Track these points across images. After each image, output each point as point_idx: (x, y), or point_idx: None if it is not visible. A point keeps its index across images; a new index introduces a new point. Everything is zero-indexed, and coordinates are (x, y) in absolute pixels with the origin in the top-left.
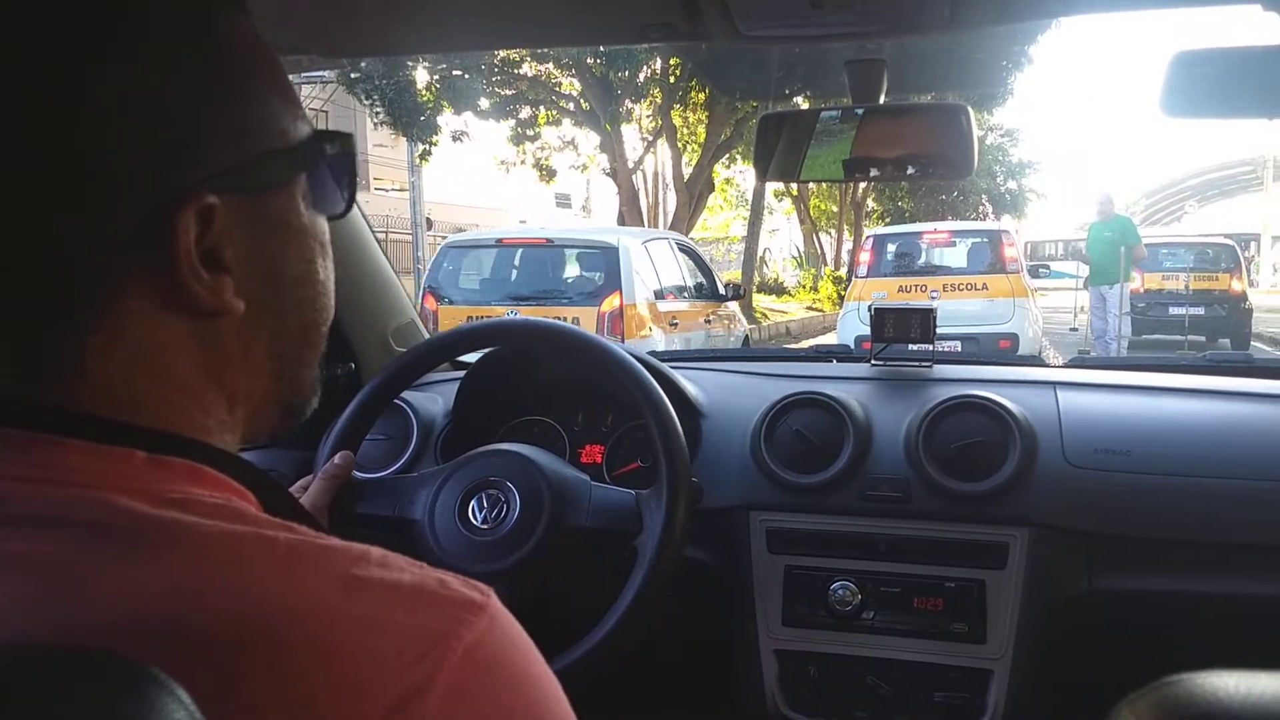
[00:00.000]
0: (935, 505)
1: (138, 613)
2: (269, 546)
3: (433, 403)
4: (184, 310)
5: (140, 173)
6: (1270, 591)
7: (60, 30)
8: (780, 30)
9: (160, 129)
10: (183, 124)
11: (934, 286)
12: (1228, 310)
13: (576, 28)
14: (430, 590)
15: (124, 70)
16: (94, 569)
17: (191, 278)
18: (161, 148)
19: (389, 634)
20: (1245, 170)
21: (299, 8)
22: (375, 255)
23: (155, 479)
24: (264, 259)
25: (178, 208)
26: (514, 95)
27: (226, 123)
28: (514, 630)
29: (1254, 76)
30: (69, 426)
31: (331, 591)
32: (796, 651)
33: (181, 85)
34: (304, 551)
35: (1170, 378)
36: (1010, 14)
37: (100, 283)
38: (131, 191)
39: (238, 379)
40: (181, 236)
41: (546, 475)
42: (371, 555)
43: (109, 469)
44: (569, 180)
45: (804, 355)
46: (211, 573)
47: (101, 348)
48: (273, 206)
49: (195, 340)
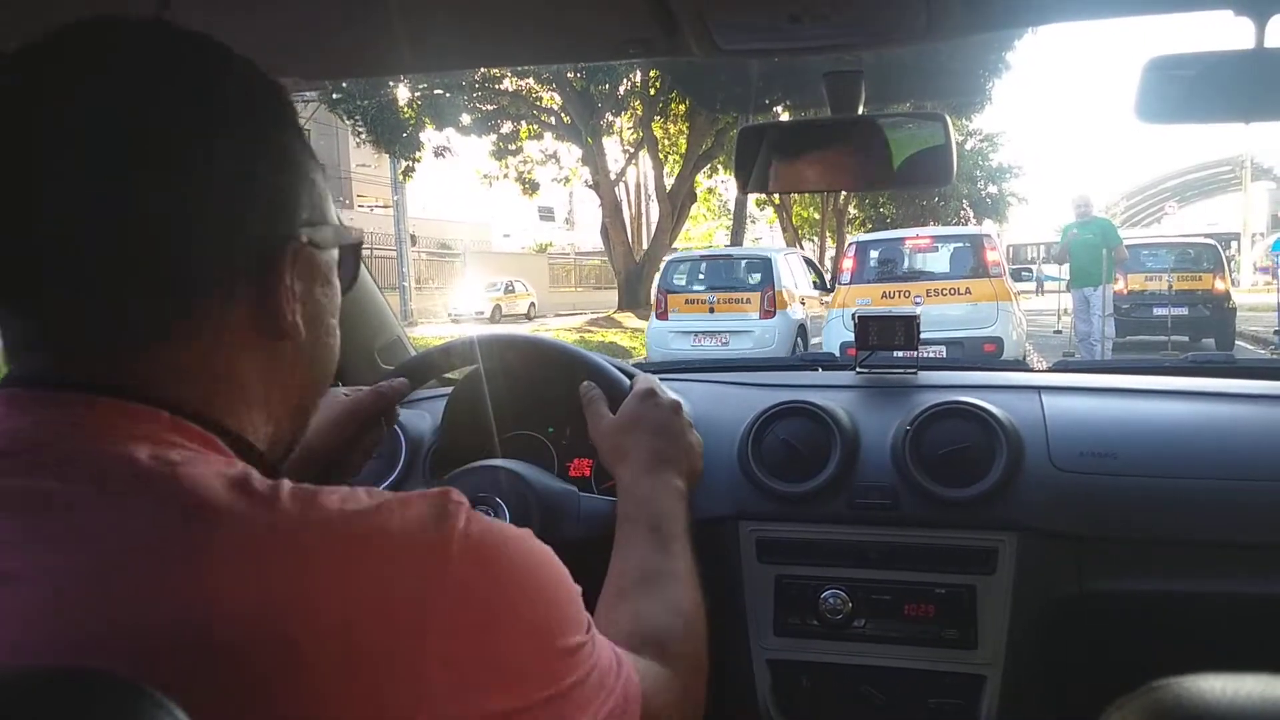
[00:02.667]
0: (923, 512)
1: (140, 624)
2: (270, 490)
3: (421, 419)
4: (266, 330)
5: (261, 217)
6: (1260, 590)
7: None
8: (758, 45)
9: (275, 186)
10: (289, 183)
11: (917, 292)
12: (1212, 310)
13: (556, 45)
14: (413, 500)
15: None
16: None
17: (284, 300)
18: (275, 199)
19: (389, 542)
20: (1224, 170)
21: (280, 31)
22: (361, 275)
23: (172, 435)
24: (314, 302)
25: (287, 244)
26: (495, 110)
27: (309, 188)
28: (498, 520)
29: (1227, 81)
30: (110, 390)
31: (330, 523)
32: (789, 661)
33: (282, 152)
34: (300, 493)
35: (1154, 380)
36: (986, 24)
37: (218, 299)
38: (255, 230)
39: (277, 400)
40: (286, 267)
41: (535, 489)
42: (358, 490)
43: (133, 425)
44: (552, 193)
45: (789, 364)
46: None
47: (202, 349)
48: (324, 263)
49: (264, 357)
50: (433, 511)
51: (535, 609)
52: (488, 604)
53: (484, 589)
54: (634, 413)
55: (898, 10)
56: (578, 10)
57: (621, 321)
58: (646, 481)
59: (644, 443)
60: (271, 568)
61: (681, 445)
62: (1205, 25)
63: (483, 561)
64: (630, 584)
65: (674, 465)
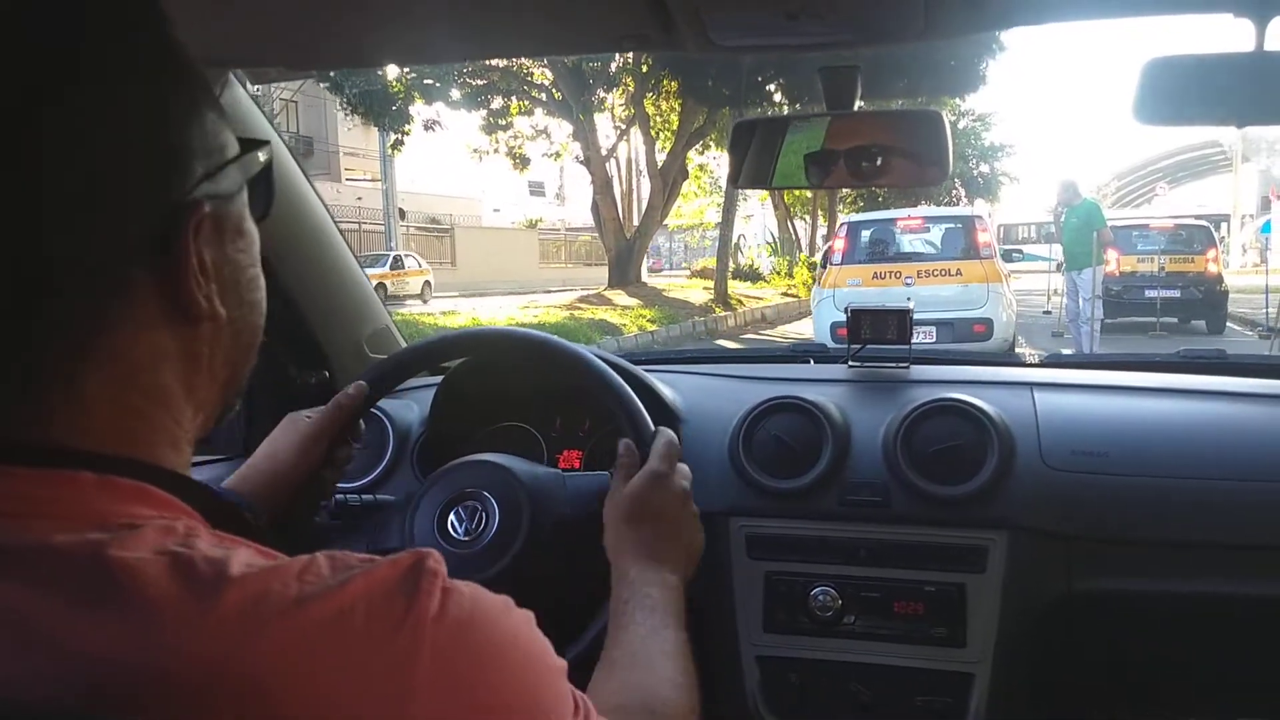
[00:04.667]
0: (914, 509)
1: (93, 670)
2: (213, 583)
3: (408, 410)
4: (178, 321)
5: (144, 185)
6: (1251, 591)
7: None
8: (754, 42)
9: (154, 142)
10: (172, 136)
11: (908, 273)
12: (1204, 293)
13: (550, 38)
14: (382, 574)
15: (100, 88)
16: (45, 618)
17: (195, 285)
18: (158, 160)
19: (353, 634)
20: (1215, 151)
21: (270, 21)
22: (347, 260)
23: (103, 501)
24: (229, 265)
25: (185, 216)
26: (486, 86)
27: (198, 134)
28: (470, 585)
29: (1226, 83)
30: (24, 456)
31: (284, 613)
32: (778, 658)
33: (159, 99)
34: (250, 579)
35: (1146, 376)
36: (984, 23)
37: (102, 302)
38: (137, 204)
39: (203, 387)
40: (188, 244)
41: (523, 481)
42: (318, 560)
43: (57, 495)
44: (543, 168)
45: (781, 356)
46: (158, 623)
47: (98, 369)
48: (232, 214)
49: (181, 354)
50: (405, 588)
51: (523, 691)
52: (471, 688)
53: (465, 673)
54: (641, 501)
55: (896, 9)
56: (573, 4)
57: (612, 299)
58: (642, 573)
59: (646, 538)
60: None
61: (682, 544)
62: (1204, 23)
63: (460, 647)
64: (620, 659)
65: (672, 564)
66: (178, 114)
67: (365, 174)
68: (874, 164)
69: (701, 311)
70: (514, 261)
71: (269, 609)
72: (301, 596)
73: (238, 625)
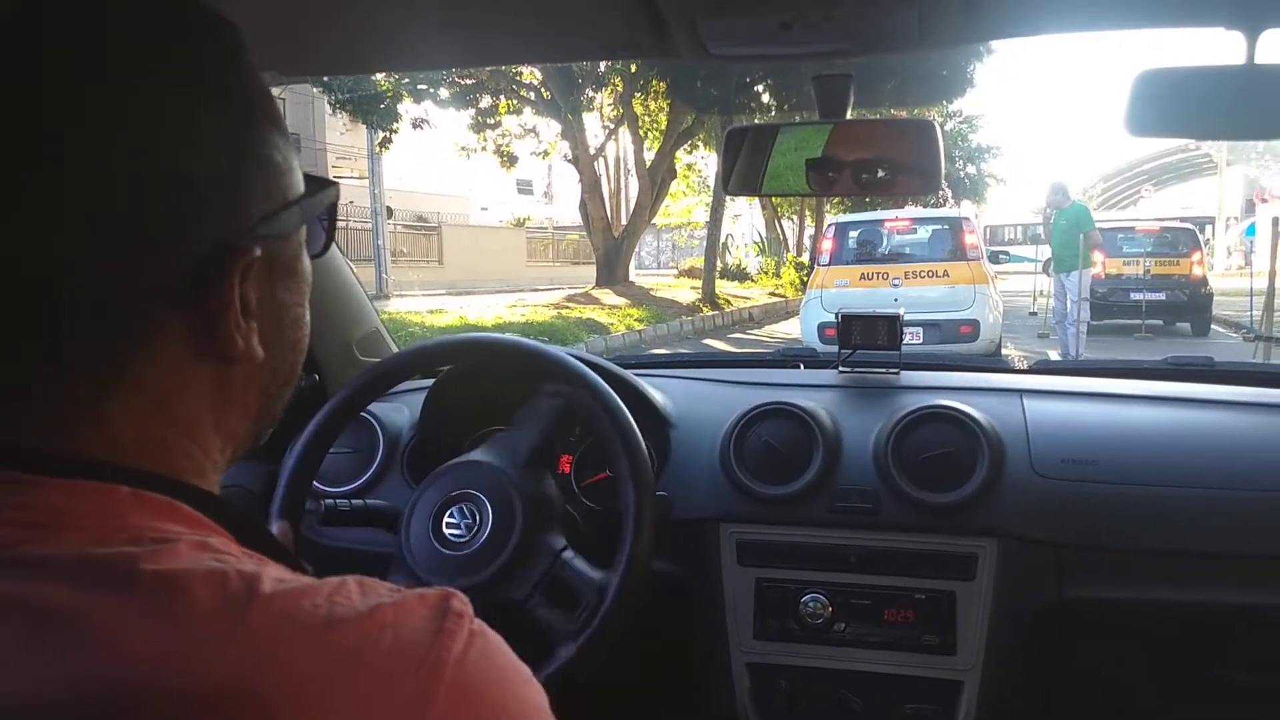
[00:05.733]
0: (904, 516)
1: (111, 678)
2: (245, 598)
3: (399, 414)
4: (213, 358)
5: (191, 221)
6: (1239, 600)
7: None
8: (748, 50)
9: (207, 176)
10: (229, 173)
11: (895, 274)
12: (1189, 295)
13: (543, 45)
14: (410, 607)
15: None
16: (66, 626)
17: (234, 326)
18: (210, 196)
19: (375, 663)
20: (1199, 155)
21: (263, 27)
22: (338, 262)
23: (136, 515)
24: (274, 305)
25: (230, 260)
26: (474, 84)
27: (261, 171)
28: (495, 636)
29: (1218, 96)
30: (55, 468)
31: (311, 634)
32: (768, 664)
33: (219, 131)
34: (281, 597)
35: (1135, 384)
36: (978, 33)
37: (133, 333)
38: (181, 240)
39: (235, 420)
40: (231, 288)
41: (514, 480)
42: (349, 584)
43: (91, 508)
44: (530, 166)
45: (771, 361)
46: (187, 634)
47: (125, 399)
48: (286, 255)
49: (212, 386)
50: (430, 625)
51: None
52: None
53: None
54: None
55: (890, 19)
56: (567, 11)
57: (599, 298)
58: None
59: None
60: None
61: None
62: (1195, 34)
63: (477, 695)
64: None
65: None
66: (238, 147)
67: (353, 172)
68: (874, 175)
69: (689, 311)
70: (501, 260)
71: (299, 627)
72: (331, 619)
73: (266, 640)
